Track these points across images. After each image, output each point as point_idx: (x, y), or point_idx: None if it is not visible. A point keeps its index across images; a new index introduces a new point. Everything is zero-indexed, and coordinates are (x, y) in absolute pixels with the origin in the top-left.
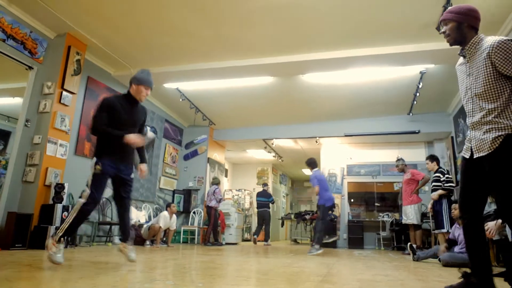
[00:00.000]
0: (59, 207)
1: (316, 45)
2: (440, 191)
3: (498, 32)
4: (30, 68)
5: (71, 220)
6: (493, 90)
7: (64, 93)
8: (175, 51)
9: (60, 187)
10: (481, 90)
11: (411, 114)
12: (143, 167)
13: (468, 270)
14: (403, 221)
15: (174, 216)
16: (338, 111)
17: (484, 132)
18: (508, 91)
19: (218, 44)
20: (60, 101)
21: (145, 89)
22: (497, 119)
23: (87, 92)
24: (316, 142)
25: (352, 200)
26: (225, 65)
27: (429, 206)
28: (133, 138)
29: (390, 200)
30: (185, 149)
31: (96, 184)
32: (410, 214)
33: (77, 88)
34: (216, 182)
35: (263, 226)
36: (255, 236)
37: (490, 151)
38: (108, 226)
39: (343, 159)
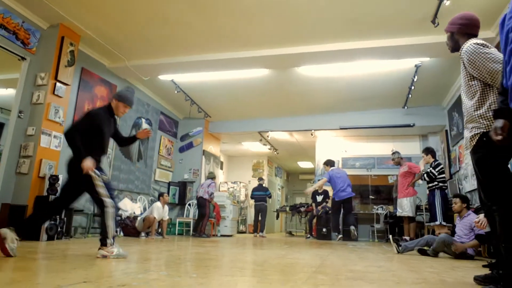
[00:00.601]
0: (53, 199)
1: (312, 37)
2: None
3: (493, 26)
4: (23, 58)
5: (112, 226)
6: (470, 90)
7: (58, 84)
8: (170, 42)
9: (54, 179)
10: (464, 90)
11: (406, 107)
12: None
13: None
14: (398, 214)
15: (166, 206)
16: (333, 104)
17: (469, 131)
18: (480, 91)
19: (214, 36)
20: (53, 93)
21: (123, 107)
22: (474, 117)
23: (81, 84)
24: (312, 135)
25: None
26: (220, 57)
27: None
28: (87, 164)
29: (384, 193)
30: (180, 141)
31: (108, 188)
32: (405, 207)
33: (71, 80)
34: (211, 176)
35: (259, 219)
36: (255, 234)
37: (470, 148)
38: None
39: (338, 152)
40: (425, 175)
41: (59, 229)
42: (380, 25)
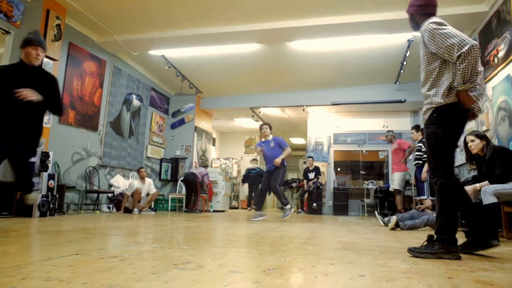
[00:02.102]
0: (44, 175)
1: (304, 11)
2: (426, 167)
3: (486, 0)
4: (7, 32)
5: None
6: (428, 68)
7: (45, 59)
8: (160, 16)
9: (45, 156)
10: (422, 66)
11: (397, 83)
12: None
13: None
14: (391, 188)
15: (148, 179)
16: (325, 79)
17: (425, 106)
18: (438, 70)
19: (205, 9)
20: None
21: (33, 50)
22: (429, 93)
23: (69, 59)
24: (303, 110)
25: (338, 169)
26: (211, 31)
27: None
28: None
29: (375, 168)
30: (172, 117)
31: None
32: (395, 180)
33: (58, 55)
34: (205, 165)
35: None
36: (249, 208)
37: (424, 123)
38: (95, 195)
39: (330, 127)
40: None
41: (51, 205)
42: None
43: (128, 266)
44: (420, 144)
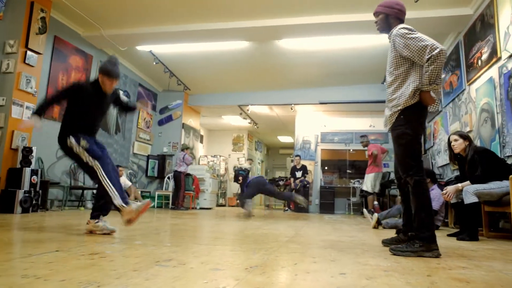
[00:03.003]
0: (27, 171)
1: (293, 10)
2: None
3: (471, 4)
4: None
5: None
6: (395, 71)
7: (29, 52)
8: (148, 11)
9: (28, 151)
10: (389, 70)
11: (384, 83)
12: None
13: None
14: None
15: (123, 177)
16: (313, 78)
17: (389, 110)
18: (405, 73)
19: (194, 5)
20: (24, 61)
21: (109, 81)
22: (395, 96)
23: (54, 53)
24: (291, 109)
25: (325, 168)
26: (200, 28)
27: None
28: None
29: (361, 167)
30: (160, 114)
31: (92, 150)
32: (365, 183)
33: (43, 48)
34: (183, 148)
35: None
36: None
37: (390, 125)
38: (80, 191)
39: (317, 126)
40: None
41: (34, 201)
42: None
43: (109, 263)
44: None
